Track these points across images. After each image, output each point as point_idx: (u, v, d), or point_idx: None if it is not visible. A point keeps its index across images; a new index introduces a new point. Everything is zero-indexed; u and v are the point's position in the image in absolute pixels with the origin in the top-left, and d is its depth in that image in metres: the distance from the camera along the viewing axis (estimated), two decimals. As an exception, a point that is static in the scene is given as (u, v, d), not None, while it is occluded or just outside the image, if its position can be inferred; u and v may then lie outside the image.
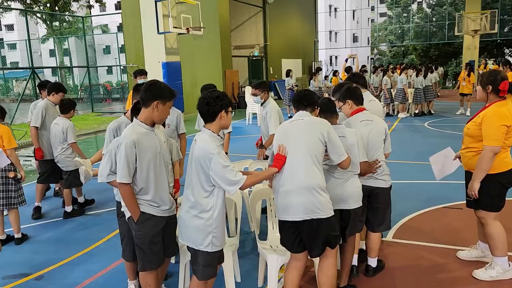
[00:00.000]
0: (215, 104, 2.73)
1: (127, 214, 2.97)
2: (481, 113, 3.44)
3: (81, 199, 5.99)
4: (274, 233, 3.73)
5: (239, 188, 2.69)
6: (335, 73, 17.92)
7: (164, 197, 2.99)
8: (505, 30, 30.67)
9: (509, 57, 33.84)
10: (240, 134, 11.75)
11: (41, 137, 5.66)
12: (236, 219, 3.94)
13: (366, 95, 3.86)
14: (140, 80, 6.37)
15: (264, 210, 4.69)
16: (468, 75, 13.34)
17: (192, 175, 2.77)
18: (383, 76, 14.04)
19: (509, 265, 3.53)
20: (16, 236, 4.79)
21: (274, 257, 3.32)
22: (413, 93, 13.74)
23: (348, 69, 13.45)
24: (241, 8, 21.92)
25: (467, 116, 12.98)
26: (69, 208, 5.66)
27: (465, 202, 5.13)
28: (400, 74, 13.66)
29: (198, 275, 2.85)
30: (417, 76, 13.64)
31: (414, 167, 7.47)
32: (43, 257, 4.44)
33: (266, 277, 3.43)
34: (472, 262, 3.83)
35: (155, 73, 12.04)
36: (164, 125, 3.72)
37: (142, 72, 6.77)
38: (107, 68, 37.06)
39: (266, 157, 5.17)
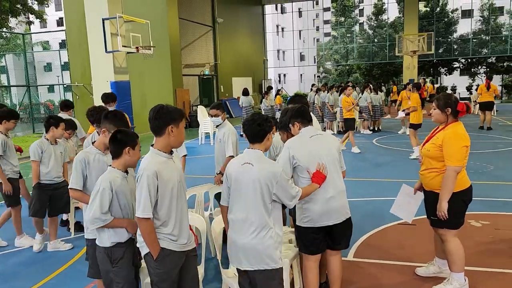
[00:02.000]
0: (266, 126, 2.88)
1: (143, 251, 2.77)
2: (439, 135, 3.58)
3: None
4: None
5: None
6: (278, 92, 18.41)
7: (184, 229, 2.82)
8: (440, 51, 32.85)
9: (445, 75, 36.28)
10: (193, 154, 11.56)
11: None
12: (200, 244, 3.81)
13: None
14: (109, 108, 6.07)
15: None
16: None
17: (253, 198, 2.79)
18: (339, 94, 14.53)
19: (465, 280, 3.66)
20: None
21: (241, 286, 3.23)
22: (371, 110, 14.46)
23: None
24: (191, 27, 21.89)
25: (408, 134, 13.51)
26: None
27: (418, 218, 5.38)
28: (363, 92, 14.29)
29: None
30: (376, 93, 14.53)
31: (364, 184, 7.68)
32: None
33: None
34: (430, 278, 3.94)
35: (103, 92, 11.61)
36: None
37: (110, 98, 6.52)
38: (48, 86, 35.39)
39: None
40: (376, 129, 14.78)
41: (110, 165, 3.01)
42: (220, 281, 3.55)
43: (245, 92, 15.04)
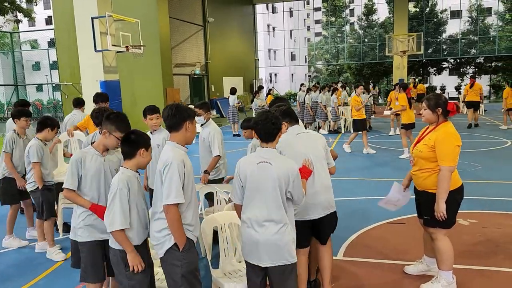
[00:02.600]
0: (279, 124, 2.93)
1: (165, 247, 2.75)
2: (431, 135, 3.59)
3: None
4: (226, 260, 3.65)
5: None
6: (269, 91, 18.44)
7: (197, 222, 2.90)
8: (429, 51, 33.14)
9: (434, 75, 36.62)
10: (184, 154, 11.49)
11: None
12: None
13: None
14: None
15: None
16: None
17: (273, 196, 2.83)
18: (331, 94, 14.64)
19: (453, 278, 3.71)
20: None
21: (231, 285, 3.26)
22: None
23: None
24: (182, 26, 21.81)
25: (397, 134, 13.59)
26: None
27: (406, 216, 5.44)
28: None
29: None
30: (369, 93, 14.89)
31: (354, 183, 7.73)
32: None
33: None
34: (419, 276, 3.98)
35: (92, 92, 11.49)
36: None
37: (100, 98, 6.46)
38: (36, 85, 35.02)
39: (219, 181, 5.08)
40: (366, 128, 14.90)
41: (122, 166, 2.95)
42: (210, 281, 3.54)
43: (232, 91, 15.07)
